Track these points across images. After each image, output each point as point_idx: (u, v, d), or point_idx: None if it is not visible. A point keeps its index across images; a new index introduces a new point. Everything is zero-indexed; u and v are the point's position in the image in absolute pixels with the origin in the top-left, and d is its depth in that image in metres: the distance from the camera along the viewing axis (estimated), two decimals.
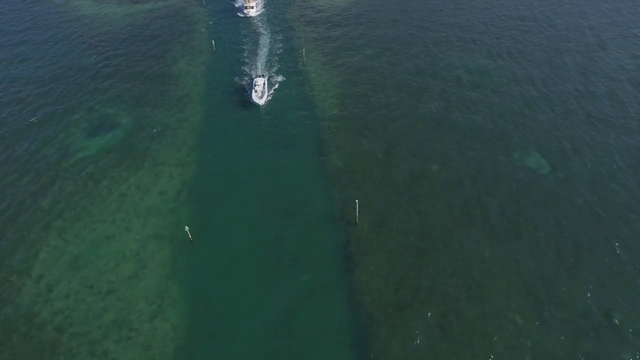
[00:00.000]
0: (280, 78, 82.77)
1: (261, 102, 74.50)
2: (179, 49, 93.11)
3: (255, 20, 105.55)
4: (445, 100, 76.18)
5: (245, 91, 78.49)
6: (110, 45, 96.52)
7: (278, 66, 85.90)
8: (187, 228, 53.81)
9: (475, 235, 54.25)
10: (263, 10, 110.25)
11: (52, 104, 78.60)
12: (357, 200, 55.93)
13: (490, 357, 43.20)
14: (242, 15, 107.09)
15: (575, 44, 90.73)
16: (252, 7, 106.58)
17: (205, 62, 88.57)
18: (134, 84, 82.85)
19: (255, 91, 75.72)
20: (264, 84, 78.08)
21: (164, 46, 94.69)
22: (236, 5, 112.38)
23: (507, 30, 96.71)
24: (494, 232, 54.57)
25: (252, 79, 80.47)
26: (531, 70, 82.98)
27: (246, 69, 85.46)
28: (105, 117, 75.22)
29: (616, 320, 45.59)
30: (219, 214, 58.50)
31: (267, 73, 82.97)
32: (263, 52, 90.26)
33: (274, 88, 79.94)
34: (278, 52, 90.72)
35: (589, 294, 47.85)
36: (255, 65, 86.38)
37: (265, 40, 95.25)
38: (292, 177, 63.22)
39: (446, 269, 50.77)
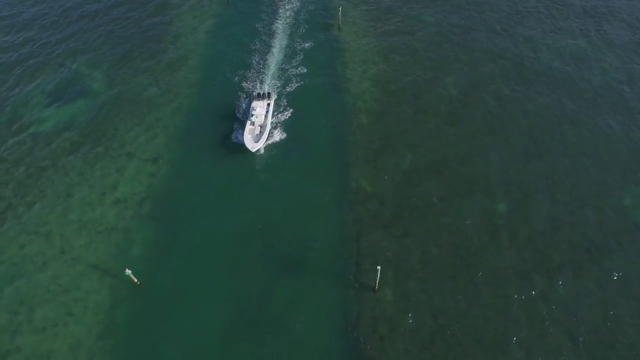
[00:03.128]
0: (307, 45, 62.37)
1: (257, 146, 48.27)
2: None
3: None
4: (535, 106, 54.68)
5: (236, 119, 52.79)
6: None
7: (305, 28, 65.58)
8: (128, 272, 37.99)
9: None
10: None
11: (14, 52, 62.69)
12: (378, 267, 38.08)
13: None
14: None
15: None
16: None
17: (214, 14, 69.17)
18: (121, 36, 65.07)
19: (252, 123, 50.15)
20: (267, 111, 51.53)
21: None
22: None
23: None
24: None
25: (251, 97, 53.76)
26: None
27: (261, 28, 65.55)
28: (76, 79, 58.62)
29: None
30: (185, 246, 42.24)
31: (273, 91, 55.56)
32: (288, 9, 69.48)
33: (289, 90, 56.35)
34: (306, 10, 69.79)
35: None
36: (274, 29, 66.03)
37: None
38: (293, 200, 45.81)
39: None
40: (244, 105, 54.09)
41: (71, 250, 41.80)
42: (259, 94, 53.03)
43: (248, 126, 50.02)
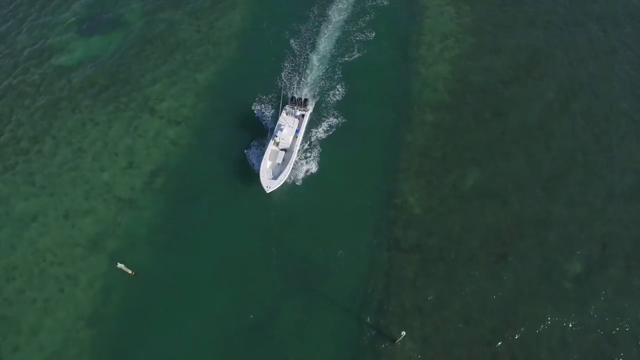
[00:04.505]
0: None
1: (273, 185, 37.58)
2: None
3: None
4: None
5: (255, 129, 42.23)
6: None
7: None
8: (120, 265, 33.58)
9: None
10: None
11: None
12: (403, 333, 31.40)
13: None
14: None
15: None
16: None
17: None
18: None
19: (276, 144, 39.58)
20: (298, 130, 40.51)
21: None
22: None
23: None
24: None
25: (282, 99, 42.02)
26: None
27: None
28: (111, 9, 51.66)
29: None
30: (194, 234, 36.94)
31: (313, 98, 43.55)
32: None
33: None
34: None
35: None
36: None
37: None
38: (322, 204, 38.60)
39: None
40: (268, 112, 43.15)
41: (74, 216, 37.94)
42: (293, 97, 42.13)
43: (270, 147, 39.41)
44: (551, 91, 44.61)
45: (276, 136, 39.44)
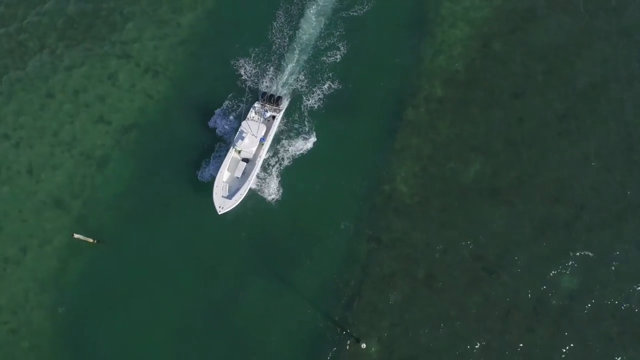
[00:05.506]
0: None
1: (228, 206, 33.01)
2: None
3: None
4: None
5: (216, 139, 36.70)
6: None
7: None
8: (77, 236, 31.57)
9: None
10: None
11: None
12: (363, 345, 29.59)
13: None
14: None
15: None
16: None
17: None
18: None
19: (237, 152, 34.74)
20: (263, 138, 35.01)
21: None
22: None
23: None
24: None
25: (255, 95, 37.02)
26: None
27: None
28: None
29: None
30: (164, 202, 34.57)
31: (287, 96, 37.31)
32: None
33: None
34: None
35: None
36: None
37: None
38: (303, 187, 35.10)
39: None
40: (249, 67, 37.96)
41: (38, 172, 35.57)
42: (264, 93, 36.22)
43: (230, 156, 34.29)
44: (587, 76, 38.02)
45: (235, 145, 34.40)
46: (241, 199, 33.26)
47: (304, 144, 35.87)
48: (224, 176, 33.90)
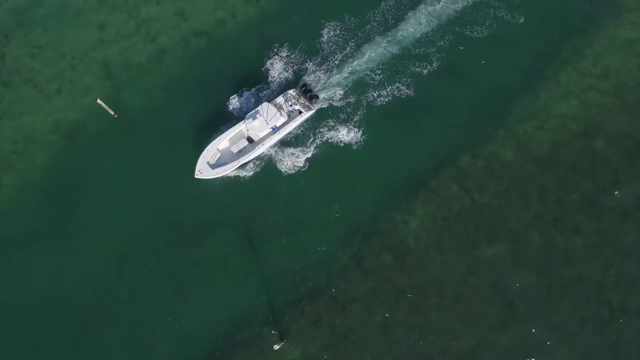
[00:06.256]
0: None
1: (205, 175, 31.82)
2: None
3: None
4: None
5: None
6: None
7: None
8: (100, 102, 32.00)
9: None
10: None
11: None
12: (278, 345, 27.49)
13: None
14: None
15: None
16: None
17: None
18: None
19: (246, 129, 32.61)
20: (276, 130, 32.61)
21: None
22: None
23: None
24: None
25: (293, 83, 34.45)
26: None
27: None
28: None
29: None
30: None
31: (325, 99, 34.22)
32: None
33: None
34: None
35: None
36: None
37: None
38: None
39: None
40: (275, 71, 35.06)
41: (108, 33, 36.69)
42: (305, 85, 33.45)
43: (238, 128, 32.28)
44: None
45: (245, 121, 32.13)
46: (223, 174, 31.45)
47: (346, 135, 33.52)
48: (220, 144, 32.09)
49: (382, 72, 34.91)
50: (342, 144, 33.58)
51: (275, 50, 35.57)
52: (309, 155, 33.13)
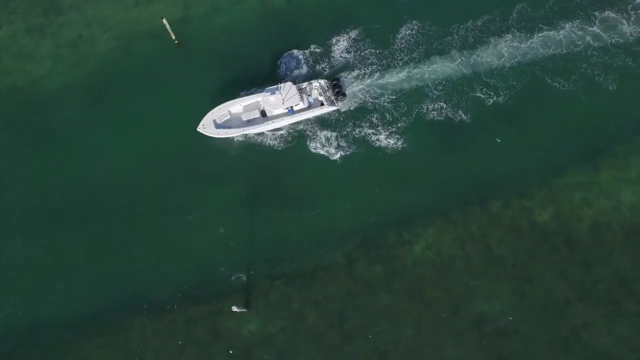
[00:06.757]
0: None
1: (208, 132, 31.58)
2: None
3: None
4: None
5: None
6: None
7: None
8: (165, 22, 32.47)
9: None
10: None
11: None
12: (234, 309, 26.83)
13: None
14: None
15: None
16: None
17: None
18: None
19: (265, 102, 30.57)
20: (291, 112, 31.70)
21: None
22: None
23: None
24: None
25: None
26: None
27: None
28: None
29: None
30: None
31: (353, 98, 32.56)
32: None
33: None
34: None
35: None
36: None
37: None
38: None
39: None
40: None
41: None
42: (337, 79, 33.18)
43: (257, 98, 31.99)
44: None
45: (264, 93, 31.73)
46: (224, 136, 31.36)
47: (385, 137, 32.41)
48: (234, 107, 31.85)
49: (443, 88, 33.43)
50: (378, 144, 32.48)
51: (348, 31, 34.89)
52: (342, 142, 32.39)
